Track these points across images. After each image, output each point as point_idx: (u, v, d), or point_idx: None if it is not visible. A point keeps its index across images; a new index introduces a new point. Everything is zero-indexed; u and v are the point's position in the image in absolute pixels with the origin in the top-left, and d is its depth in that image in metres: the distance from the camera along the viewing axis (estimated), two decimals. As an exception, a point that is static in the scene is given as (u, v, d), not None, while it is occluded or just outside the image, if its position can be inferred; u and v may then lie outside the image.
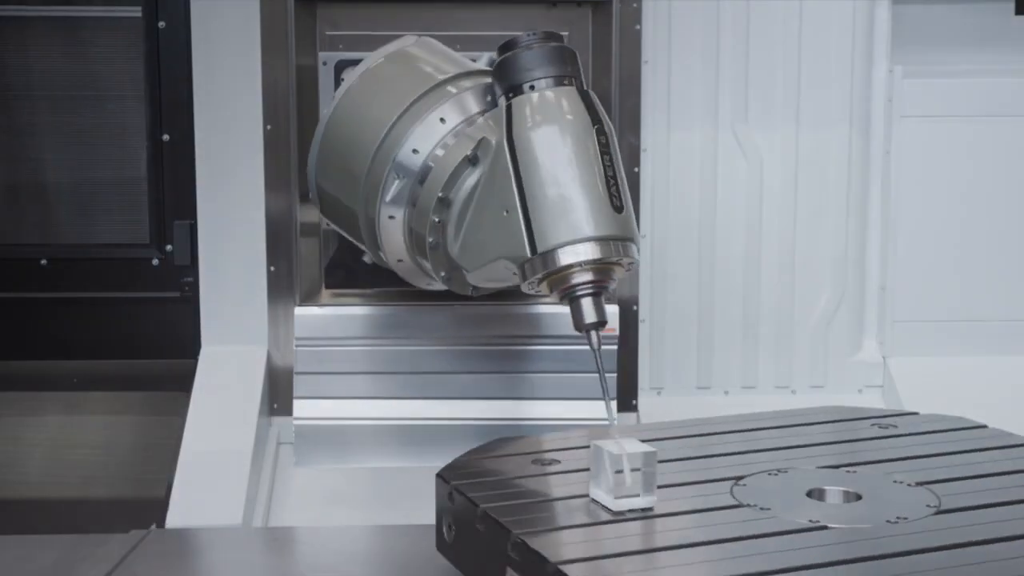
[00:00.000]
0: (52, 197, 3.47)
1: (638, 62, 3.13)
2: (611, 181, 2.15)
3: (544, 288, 2.19)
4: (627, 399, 3.18)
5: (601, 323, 2.14)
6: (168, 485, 2.78)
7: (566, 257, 2.13)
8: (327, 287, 3.13)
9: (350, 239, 2.68)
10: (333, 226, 2.74)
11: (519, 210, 2.17)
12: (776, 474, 1.97)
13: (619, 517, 1.81)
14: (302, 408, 3.00)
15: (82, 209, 3.47)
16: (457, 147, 2.38)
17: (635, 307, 3.18)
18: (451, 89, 2.43)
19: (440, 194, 2.36)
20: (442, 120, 2.42)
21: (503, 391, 3.02)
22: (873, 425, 2.25)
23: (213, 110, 3.17)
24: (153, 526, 2.65)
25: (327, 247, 3.14)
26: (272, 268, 3.15)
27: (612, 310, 3.02)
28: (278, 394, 3.15)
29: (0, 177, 3.46)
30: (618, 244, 2.14)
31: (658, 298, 3.28)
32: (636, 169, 3.16)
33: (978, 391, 3.13)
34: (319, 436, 2.97)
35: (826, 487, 1.91)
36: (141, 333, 3.44)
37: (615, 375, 3.06)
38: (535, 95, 2.18)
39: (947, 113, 3.27)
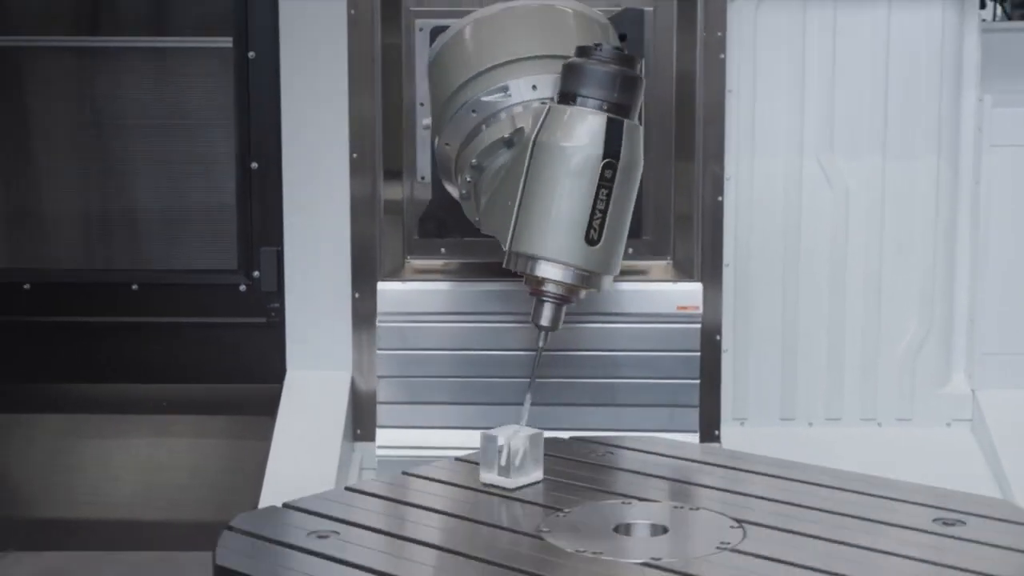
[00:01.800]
0: (143, 224, 3.54)
1: (722, 91, 3.13)
2: (597, 214, 2.20)
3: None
4: (710, 429, 3.16)
5: (552, 329, 2.31)
6: (253, 508, 2.81)
7: (537, 267, 2.25)
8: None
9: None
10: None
11: (516, 205, 2.25)
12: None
13: None
14: (385, 437, 3.01)
15: (172, 235, 3.53)
16: (506, 123, 2.47)
17: (718, 336, 3.17)
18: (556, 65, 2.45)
19: (474, 161, 2.50)
20: (534, 87, 2.47)
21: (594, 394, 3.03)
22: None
23: (301, 138, 3.22)
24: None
25: (411, 235, 3.16)
26: (357, 295, 3.19)
27: (693, 332, 3.03)
28: (361, 420, 3.17)
29: (93, 204, 3.54)
30: (579, 274, 2.23)
31: (741, 328, 3.25)
32: (720, 198, 3.15)
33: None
34: (401, 466, 2.99)
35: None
36: (228, 358, 3.49)
37: (697, 409, 3.05)
38: (570, 110, 2.21)
39: (1038, 142, 3.22)
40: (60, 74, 3.50)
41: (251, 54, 3.39)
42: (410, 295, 3.04)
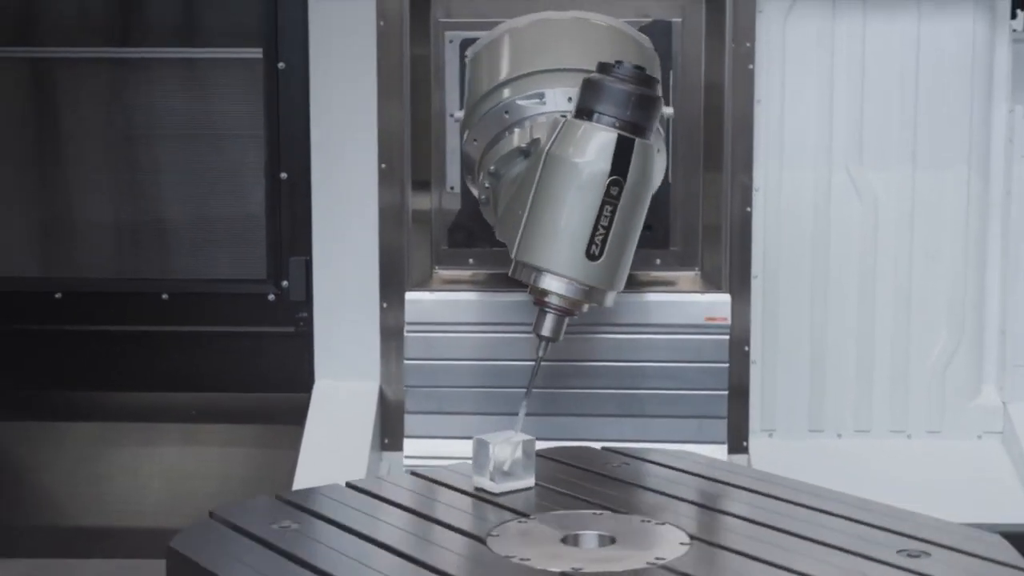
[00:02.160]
0: (173, 233, 3.56)
1: (751, 101, 3.12)
2: (600, 230, 2.19)
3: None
4: (738, 441, 3.15)
5: (553, 340, 2.30)
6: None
7: (540, 279, 2.25)
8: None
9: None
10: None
11: (524, 215, 2.27)
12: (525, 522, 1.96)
13: None
14: (412, 447, 3.02)
15: (201, 245, 3.56)
16: (524, 132, 2.50)
17: (746, 348, 3.16)
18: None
19: (492, 168, 2.53)
20: (569, 99, 2.48)
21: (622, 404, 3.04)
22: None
23: (330, 149, 3.24)
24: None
25: (438, 243, 3.18)
26: (384, 304, 3.19)
27: (721, 343, 3.03)
28: (389, 429, 3.18)
29: (124, 214, 3.56)
30: (581, 288, 2.24)
31: (769, 339, 3.24)
32: (748, 209, 3.14)
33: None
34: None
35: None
36: (256, 367, 3.51)
37: (725, 420, 3.04)
38: (583, 126, 2.21)
39: (1070, 153, 3.20)
40: (91, 85, 3.53)
41: (281, 65, 3.41)
42: (438, 305, 3.04)
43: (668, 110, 2.72)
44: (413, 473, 2.28)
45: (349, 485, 2.20)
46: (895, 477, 3.08)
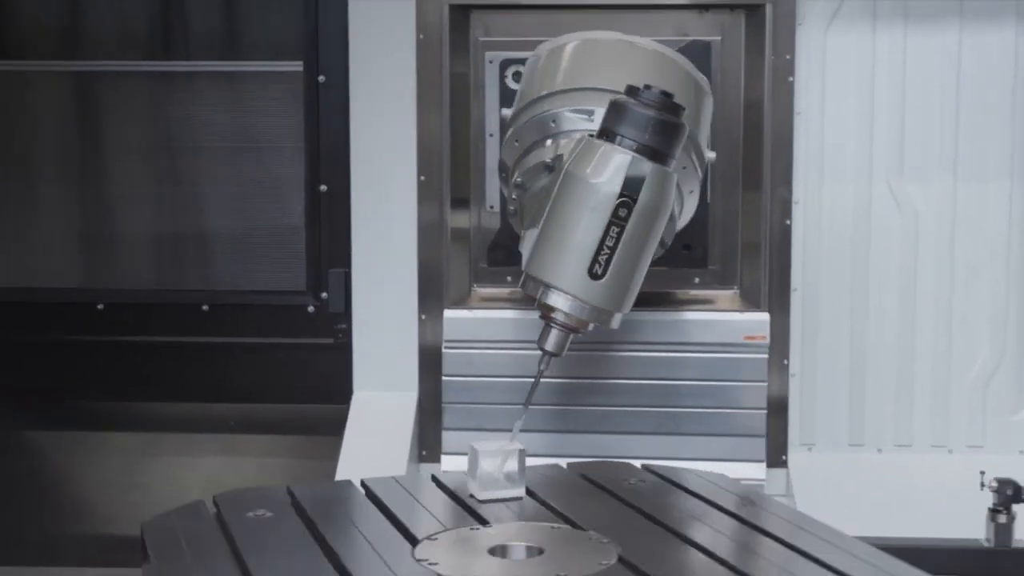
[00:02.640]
0: (214, 245, 3.59)
1: (790, 113, 3.11)
2: (604, 250, 2.20)
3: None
4: (777, 455, 3.14)
5: (555, 355, 2.31)
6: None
7: (547, 295, 2.25)
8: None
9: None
10: None
11: (538, 229, 2.28)
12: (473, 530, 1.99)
13: None
14: (450, 463, 3.02)
15: (242, 257, 3.57)
16: (550, 148, 2.52)
17: (785, 361, 3.15)
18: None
19: (518, 179, 2.56)
20: None
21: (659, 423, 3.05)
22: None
23: (369, 161, 3.25)
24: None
25: (477, 261, 3.20)
26: (423, 316, 3.21)
27: (760, 362, 3.03)
28: (427, 441, 3.18)
29: (165, 225, 3.59)
30: (586, 307, 2.24)
31: (808, 352, 3.23)
32: (788, 222, 3.13)
33: None
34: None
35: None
36: (295, 378, 3.52)
37: (764, 439, 3.06)
38: (603, 146, 2.22)
39: (1114, 166, 3.17)
40: (134, 98, 3.56)
41: (321, 78, 3.43)
42: (476, 323, 3.05)
43: (711, 154, 2.73)
44: (433, 477, 2.32)
45: (364, 483, 2.26)
46: (936, 492, 3.06)
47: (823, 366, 3.23)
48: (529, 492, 2.20)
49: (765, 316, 3.07)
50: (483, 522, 2.03)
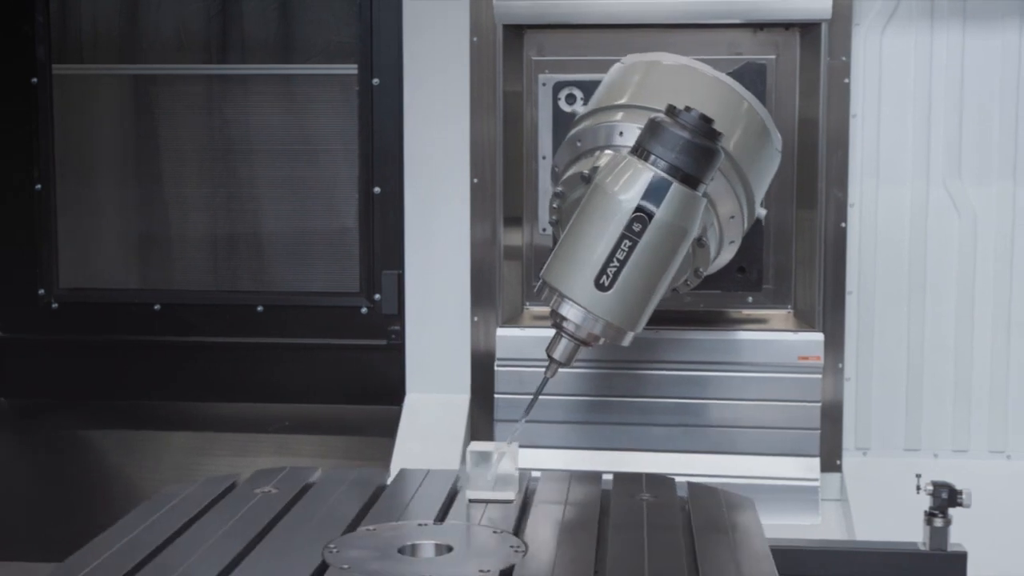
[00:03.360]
0: (268, 247, 3.62)
1: (846, 116, 3.09)
2: (614, 262, 2.20)
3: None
4: (831, 459, 3.12)
5: (563, 365, 2.32)
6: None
7: (561, 306, 2.25)
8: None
9: None
10: None
11: (562, 237, 2.30)
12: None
13: None
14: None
15: (296, 258, 3.60)
16: (590, 161, 2.53)
17: (840, 365, 3.12)
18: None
19: (558, 188, 2.60)
20: None
21: (706, 441, 3.04)
22: None
23: (423, 164, 3.27)
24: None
25: (530, 280, 3.20)
26: (476, 318, 3.21)
27: (814, 383, 3.03)
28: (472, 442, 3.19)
29: (221, 227, 3.63)
30: (597, 322, 2.24)
31: (864, 356, 3.20)
32: (843, 224, 3.11)
33: None
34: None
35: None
36: (348, 379, 3.54)
37: (817, 432, 3.04)
38: (631, 162, 2.21)
39: None
40: (190, 101, 3.60)
41: (375, 81, 3.45)
42: (528, 342, 3.05)
43: (762, 211, 2.73)
44: (458, 476, 2.35)
45: (403, 471, 2.40)
46: (993, 499, 3.01)
47: (879, 370, 3.20)
48: (527, 495, 2.23)
49: (819, 336, 3.05)
50: (422, 524, 2.06)
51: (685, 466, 2.97)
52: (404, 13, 3.24)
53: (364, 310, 3.52)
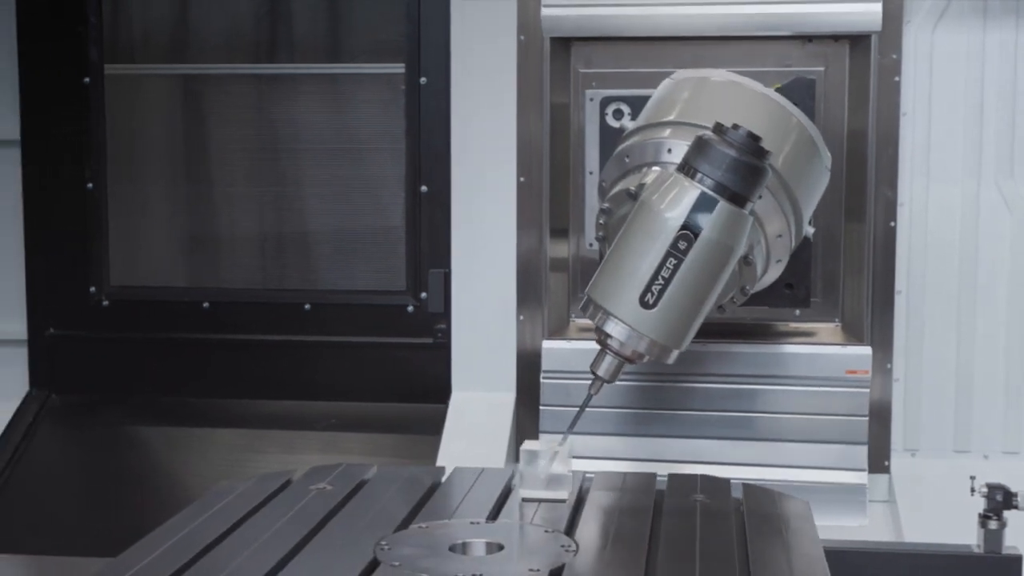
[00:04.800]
0: (315, 245, 3.63)
1: (896, 114, 3.07)
2: (659, 280, 2.19)
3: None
4: (879, 460, 3.10)
5: (607, 381, 2.32)
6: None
7: (606, 323, 2.24)
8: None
9: None
10: None
11: (608, 253, 2.30)
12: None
13: None
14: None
15: (343, 257, 3.62)
16: (637, 178, 2.51)
17: (888, 365, 3.10)
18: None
19: (605, 205, 2.60)
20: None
21: (756, 442, 3.04)
22: None
23: (469, 163, 3.27)
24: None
25: (576, 292, 3.19)
26: (521, 317, 3.22)
27: (862, 397, 3.02)
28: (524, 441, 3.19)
29: (268, 226, 3.65)
30: (642, 340, 2.23)
31: (913, 356, 3.17)
32: (892, 223, 3.09)
33: None
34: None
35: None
36: (395, 377, 3.55)
37: (865, 446, 3.03)
38: (679, 181, 2.20)
39: None
40: (238, 100, 3.63)
41: (423, 80, 3.46)
42: (574, 354, 3.06)
43: (810, 229, 2.72)
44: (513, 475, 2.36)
45: (457, 469, 2.42)
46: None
47: (928, 370, 3.17)
48: (581, 495, 2.23)
49: (867, 350, 3.03)
50: (474, 522, 2.06)
51: (731, 475, 2.96)
52: (452, 12, 3.25)
53: (410, 308, 3.53)
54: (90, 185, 3.64)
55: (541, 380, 3.11)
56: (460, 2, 3.23)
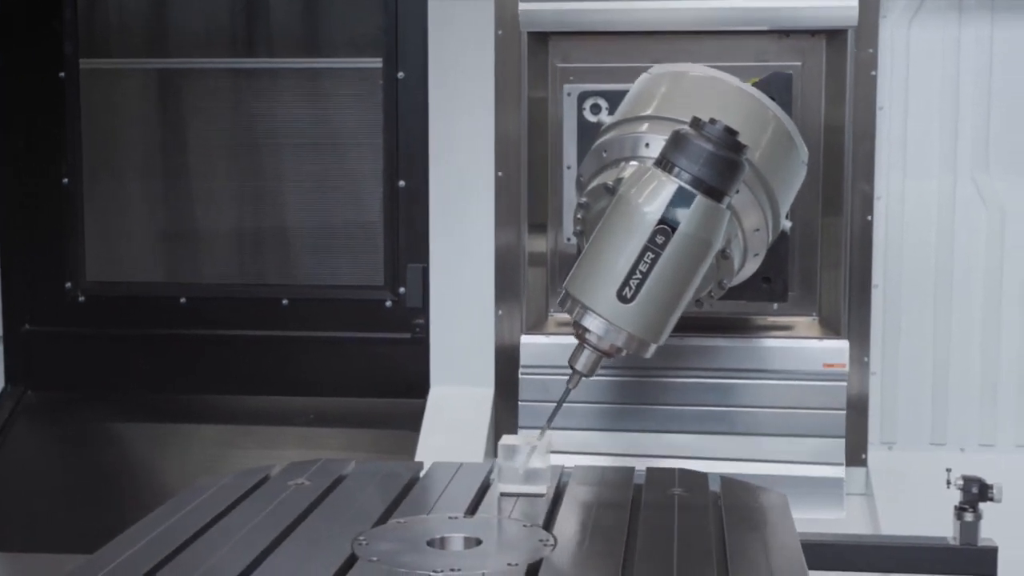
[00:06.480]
0: (293, 240, 3.63)
1: (873, 108, 3.08)
2: (636, 274, 2.19)
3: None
4: (856, 453, 3.11)
5: (585, 375, 2.31)
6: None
7: (584, 317, 2.24)
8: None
9: None
10: None
11: (585, 248, 2.30)
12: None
13: None
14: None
15: (321, 252, 3.61)
16: (614, 172, 2.52)
17: (865, 359, 3.11)
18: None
19: (582, 199, 2.60)
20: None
21: (733, 438, 3.04)
22: None
23: (447, 158, 3.27)
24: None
25: (554, 287, 3.20)
26: (500, 312, 3.22)
27: (839, 390, 3.01)
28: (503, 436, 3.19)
29: (246, 221, 3.64)
30: (620, 334, 2.23)
31: (890, 350, 3.19)
32: (869, 217, 3.10)
33: None
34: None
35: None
36: (373, 372, 3.55)
37: (843, 439, 3.03)
38: (656, 175, 2.21)
39: None
40: (216, 94, 3.61)
41: (400, 74, 3.45)
42: (552, 349, 3.05)
43: (787, 223, 2.73)
44: (491, 470, 2.35)
45: (436, 464, 2.41)
46: (1021, 493, 3.00)
47: (905, 363, 3.19)
48: (559, 489, 2.23)
49: (844, 344, 3.04)
50: (453, 518, 2.07)
51: (709, 469, 2.96)
52: (429, 7, 3.24)
53: (389, 303, 3.53)
54: (66, 180, 3.62)
55: (520, 375, 3.11)
56: (437, -4, 3.24)
